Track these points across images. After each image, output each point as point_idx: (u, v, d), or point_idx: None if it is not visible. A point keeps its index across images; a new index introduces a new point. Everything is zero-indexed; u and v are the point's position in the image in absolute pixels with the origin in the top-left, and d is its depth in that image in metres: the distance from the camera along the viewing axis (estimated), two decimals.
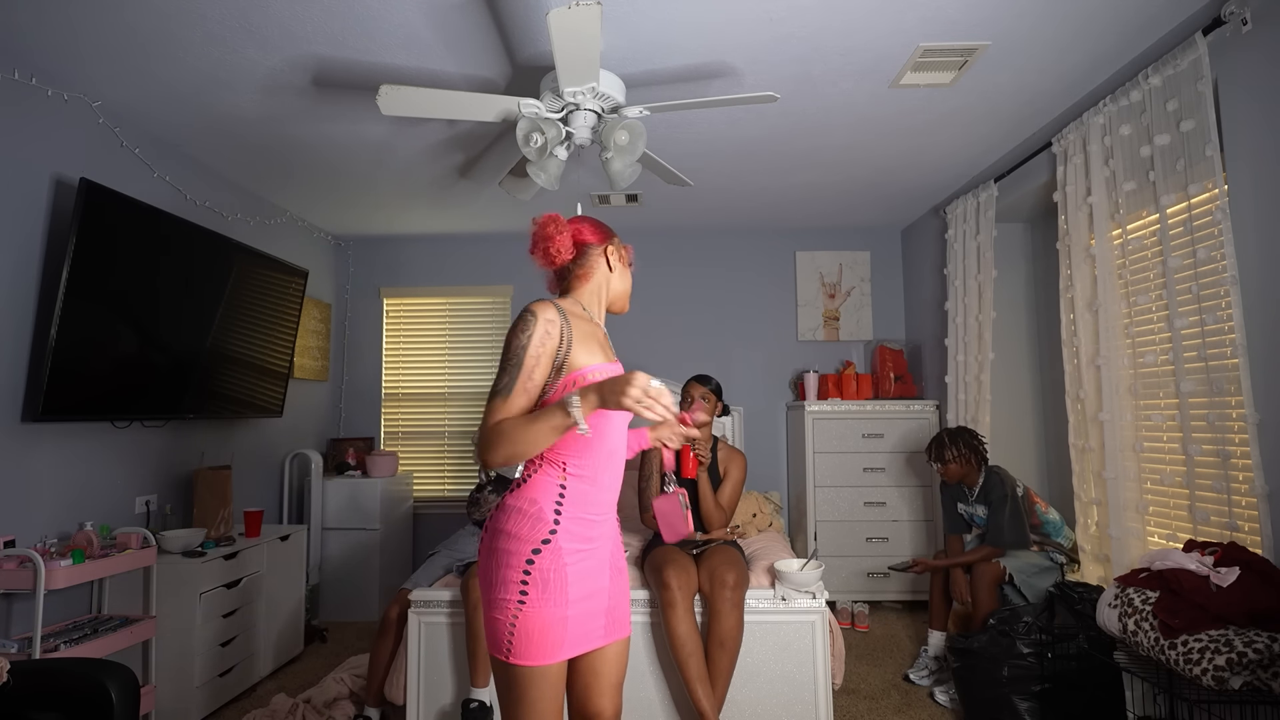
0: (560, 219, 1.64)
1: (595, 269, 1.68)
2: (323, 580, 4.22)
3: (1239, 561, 1.94)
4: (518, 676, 1.44)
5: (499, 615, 1.44)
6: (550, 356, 1.49)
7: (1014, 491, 3.01)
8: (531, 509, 1.49)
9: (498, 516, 1.51)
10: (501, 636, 1.44)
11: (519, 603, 1.43)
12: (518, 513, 1.49)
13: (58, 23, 2.29)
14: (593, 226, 1.70)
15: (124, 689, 1.84)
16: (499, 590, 1.45)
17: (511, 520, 1.49)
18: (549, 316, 1.49)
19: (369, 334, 5.04)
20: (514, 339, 1.48)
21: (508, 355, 1.48)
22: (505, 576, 1.45)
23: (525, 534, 1.47)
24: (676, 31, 2.39)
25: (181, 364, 3.14)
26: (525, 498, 1.50)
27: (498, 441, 1.40)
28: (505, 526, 1.49)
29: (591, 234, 1.69)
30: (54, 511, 2.66)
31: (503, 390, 1.46)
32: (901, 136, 3.30)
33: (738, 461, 2.87)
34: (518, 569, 1.45)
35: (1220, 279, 2.18)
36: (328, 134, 3.18)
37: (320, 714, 2.78)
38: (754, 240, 4.96)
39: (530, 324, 1.47)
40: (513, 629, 1.43)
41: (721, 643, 2.42)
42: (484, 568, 1.50)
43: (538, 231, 1.63)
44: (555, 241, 1.61)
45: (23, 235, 2.55)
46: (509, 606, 1.44)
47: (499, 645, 1.45)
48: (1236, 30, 2.14)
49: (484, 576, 1.50)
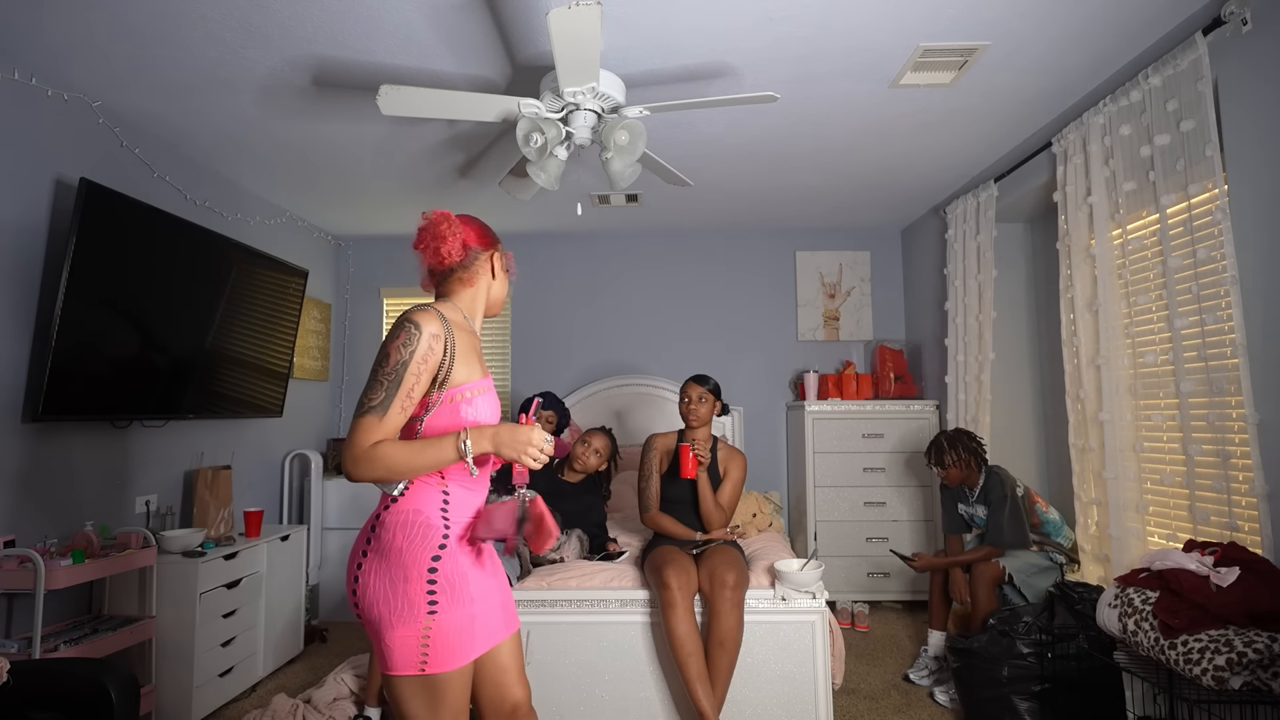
0: (453, 218, 1.60)
1: (479, 275, 1.63)
2: (323, 580, 4.22)
3: (1239, 561, 1.94)
4: (433, 685, 1.42)
5: (405, 631, 1.40)
6: (431, 372, 1.45)
7: (1014, 492, 3.01)
8: (418, 519, 1.45)
9: (381, 535, 1.45)
10: (412, 651, 1.40)
11: (429, 613, 1.41)
12: (404, 526, 1.44)
13: (58, 23, 2.29)
14: (480, 230, 1.66)
15: (124, 689, 1.84)
16: (402, 608, 1.40)
17: (399, 535, 1.43)
18: (434, 330, 1.45)
19: (369, 334, 5.04)
20: (393, 353, 1.41)
21: (384, 369, 1.41)
22: (407, 592, 1.41)
23: (419, 545, 1.43)
24: (676, 31, 2.39)
25: (181, 364, 3.14)
26: (407, 509, 1.46)
27: (372, 465, 1.38)
28: (395, 542, 1.43)
29: (479, 238, 1.64)
30: (54, 511, 2.66)
31: (378, 407, 1.39)
32: (901, 136, 3.30)
33: (738, 462, 2.87)
34: (419, 581, 1.42)
35: (1220, 279, 2.18)
36: (328, 134, 3.18)
37: (320, 714, 2.77)
38: (754, 240, 4.96)
39: (414, 338, 1.42)
40: (426, 640, 1.40)
41: (721, 643, 2.42)
42: (374, 588, 1.42)
43: (428, 229, 1.58)
44: (448, 242, 1.57)
45: (23, 235, 2.54)
46: (417, 619, 1.40)
47: (409, 661, 1.40)
48: (1237, 30, 2.14)
49: (375, 597, 1.42)
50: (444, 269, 1.60)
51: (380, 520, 1.46)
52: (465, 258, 1.61)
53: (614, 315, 4.95)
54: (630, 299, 4.96)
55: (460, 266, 1.61)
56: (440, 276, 1.63)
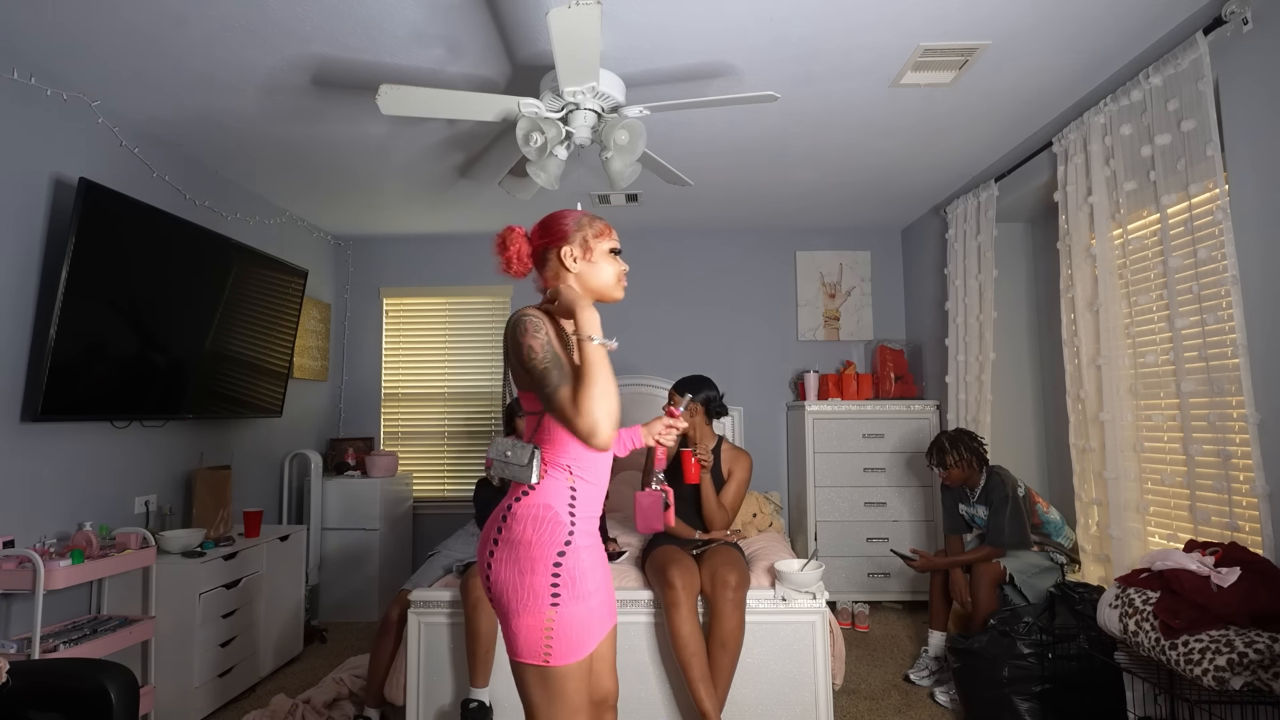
0: (513, 231, 1.63)
1: (558, 273, 1.63)
2: (322, 580, 4.22)
3: (1240, 562, 1.93)
4: (557, 677, 1.45)
5: (531, 622, 1.44)
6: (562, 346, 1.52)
7: (1015, 492, 3.00)
8: (548, 514, 1.50)
9: (512, 526, 1.50)
10: (537, 642, 1.44)
11: (553, 605, 1.45)
12: (534, 520, 1.49)
13: (58, 23, 2.29)
14: (544, 228, 1.64)
15: (123, 689, 1.84)
16: (527, 598, 1.45)
17: (529, 528, 1.49)
18: (534, 315, 1.51)
19: (369, 334, 5.03)
20: (532, 341, 1.46)
21: (537, 357, 1.45)
22: (534, 584, 1.45)
23: (547, 539, 1.48)
24: (676, 31, 2.39)
25: (181, 364, 3.13)
26: (537, 504, 1.51)
27: (595, 414, 1.39)
28: (524, 535, 1.48)
29: (543, 236, 1.63)
30: (53, 511, 2.66)
31: (563, 380, 1.44)
32: (902, 136, 3.29)
33: (742, 463, 2.86)
34: (545, 574, 1.46)
35: (1221, 279, 2.18)
36: (327, 134, 3.18)
37: (320, 714, 2.77)
38: (754, 240, 4.96)
39: (538, 324, 1.48)
40: (550, 632, 1.44)
41: (723, 643, 2.42)
42: (504, 578, 1.48)
43: (496, 247, 1.64)
44: (507, 253, 1.62)
45: (22, 235, 2.54)
46: (542, 611, 1.44)
47: (535, 651, 1.45)
48: (1237, 30, 2.14)
49: (505, 586, 1.48)
50: (524, 277, 1.66)
51: (511, 512, 1.51)
52: (538, 260, 1.64)
53: (613, 315, 4.93)
54: (630, 299, 4.93)
55: (540, 270, 1.65)
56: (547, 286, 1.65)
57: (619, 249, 1.66)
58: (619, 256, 1.66)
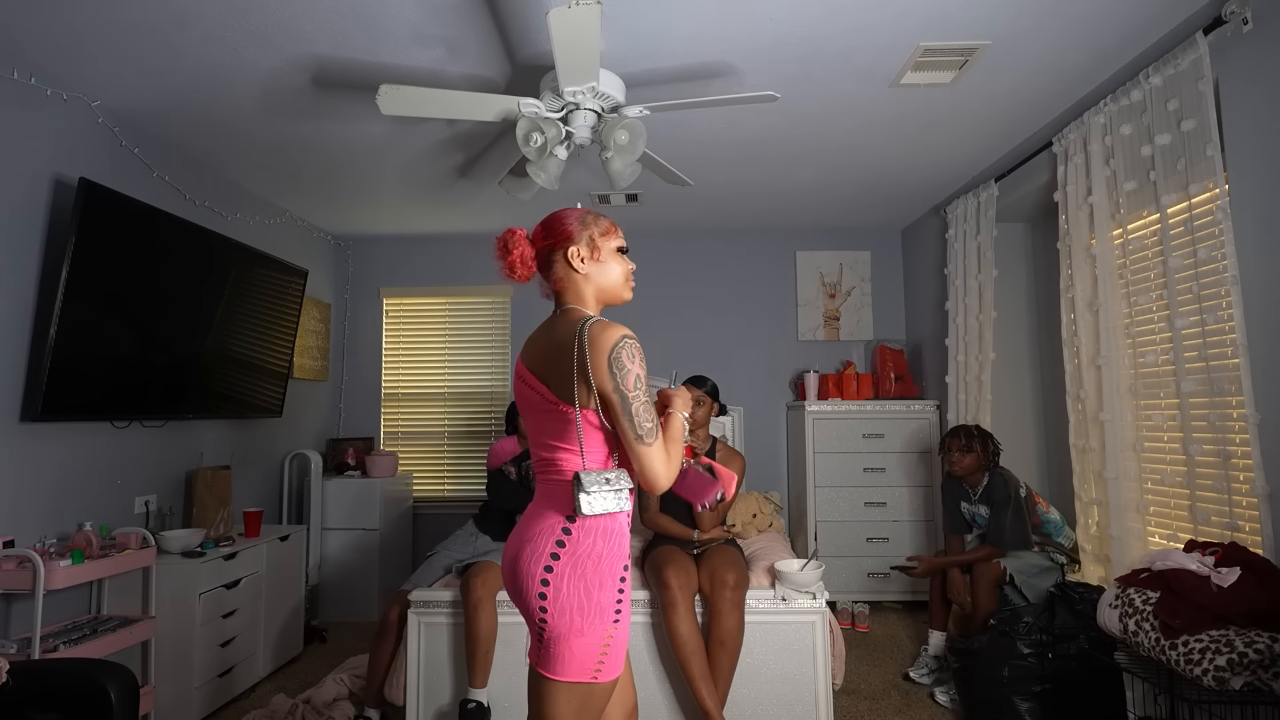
0: (513, 233, 1.54)
1: (565, 274, 1.55)
2: (322, 580, 4.22)
3: (1240, 562, 1.93)
4: (597, 694, 1.40)
5: (590, 640, 1.37)
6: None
7: (1017, 493, 3.01)
8: (614, 525, 1.43)
9: (580, 540, 1.40)
10: (591, 660, 1.38)
11: (614, 621, 1.40)
12: (605, 532, 1.41)
13: (58, 23, 2.29)
14: (547, 228, 1.55)
15: (123, 689, 1.84)
16: (594, 615, 1.38)
17: (600, 541, 1.41)
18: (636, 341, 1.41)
19: (369, 334, 5.03)
20: (629, 366, 1.36)
21: (631, 389, 1.36)
22: (601, 600, 1.39)
23: (617, 552, 1.43)
24: (676, 31, 2.39)
25: (181, 364, 3.13)
26: (607, 515, 1.42)
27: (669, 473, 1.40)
28: (595, 549, 1.40)
29: (546, 237, 1.54)
30: (53, 511, 2.66)
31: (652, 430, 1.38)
32: (902, 136, 3.29)
33: (736, 463, 2.87)
34: (612, 589, 1.41)
35: (1221, 279, 2.18)
36: (328, 134, 3.18)
37: (320, 714, 2.77)
38: (754, 240, 4.96)
39: (636, 350, 1.38)
40: (606, 649, 1.39)
41: (722, 643, 2.42)
42: (569, 596, 1.37)
43: (498, 251, 1.55)
44: (510, 257, 1.53)
45: (22, 235, 2.54)
46: (605, 628, 1.39)
47: (585, 669, 1.38)
48: (1237, 30, 2.14)
49: (569, 605, 1.37)
50: (528, 281, 1.57)
51: (578, 524, 1.42)
52: (542, 262, 1.55)
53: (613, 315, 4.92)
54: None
55: (546, 273, 1.56)
56: (554, 288, 1.57)
57: (626, 247, 1.59)
58: (626, 255, 1.60)
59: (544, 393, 1.46)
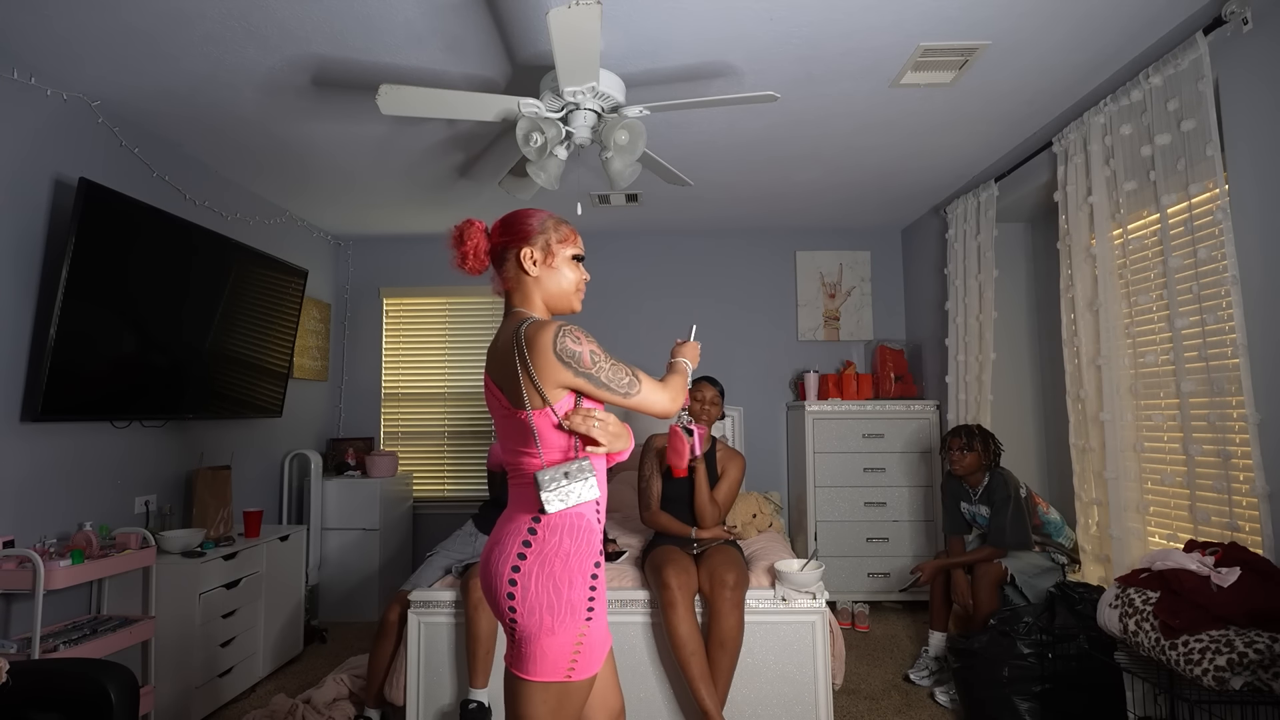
0: (471, 224, 1.53)
1: (515, 274, 1.53)
2: (322, 580, 4.22)
3: (1240, 562, 1.93)
4: (572, 693, 1.40)
5: (562, 639, 1.37)
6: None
7: (1018, 493, 3.01)
8: (580, 523, 1.43)
9: (546, 539, 1.40)
10: (564, 658, 1.38)
11: (586, 619, 1.40)
12: (572, 530, 1.41)
13: (58, 23, 2.29)
14: (505, 225, 1.54)
15: (123, 689, 1.84)
16: (565, 614, 1.37)
17: (567, 539, 1.41)
18: (564, 323, 1.44)
19: (369, 334, 5.03)
20: (576, 349, 1.40)
21: (591, 366, 1.41)
22: (572, 598, 1.38)
23: (585, 550, 1.42)
24: (676, 31, 2.39)
25: (181, 364, 3.13)
26: (570, 513, 1.42)
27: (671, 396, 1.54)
28: (562, 547, 1.40)
29: (503, 234, 1.53)
30: (53, 511, 2.66)
31: (632, 380, 1.48)
32: (902, 136, 3.29)
33: (736, 463, 2.87)
34: (583, 587, 1.40)
35: (1221, 279, 2.18)
36: (328, 134, 3.18)
37: (320, 714, 2.77)
38: (754, 240, 4.96)
39: (579, 332, 1.42)
40: (579, 647, 1.39)
41: (722, 643, 2.42)
42: (537, 595, 1.37)
43: (451, 240, 1.53)
44: (463, 248, 1.52)
45: (22, 235, 2.54)
46: (576, 626, 1.38)
47: (558, 668, 1.37)
48: (1237, 30, 2.14)
49: (539, 604, 1.37)
50: (479, 274, 1.57)
51: (542, 524, 1.42)
52: (495, 259, 1.54)
53: (613, 315, 4.95)
54: (629, 299, 4.96)
55: (498, 269, 1.55)
56: (504, 287, 1.57)
57: (582, 256, 1.59)
58: (582, 264, 1.59)
59: (501, 399, 1.48)
